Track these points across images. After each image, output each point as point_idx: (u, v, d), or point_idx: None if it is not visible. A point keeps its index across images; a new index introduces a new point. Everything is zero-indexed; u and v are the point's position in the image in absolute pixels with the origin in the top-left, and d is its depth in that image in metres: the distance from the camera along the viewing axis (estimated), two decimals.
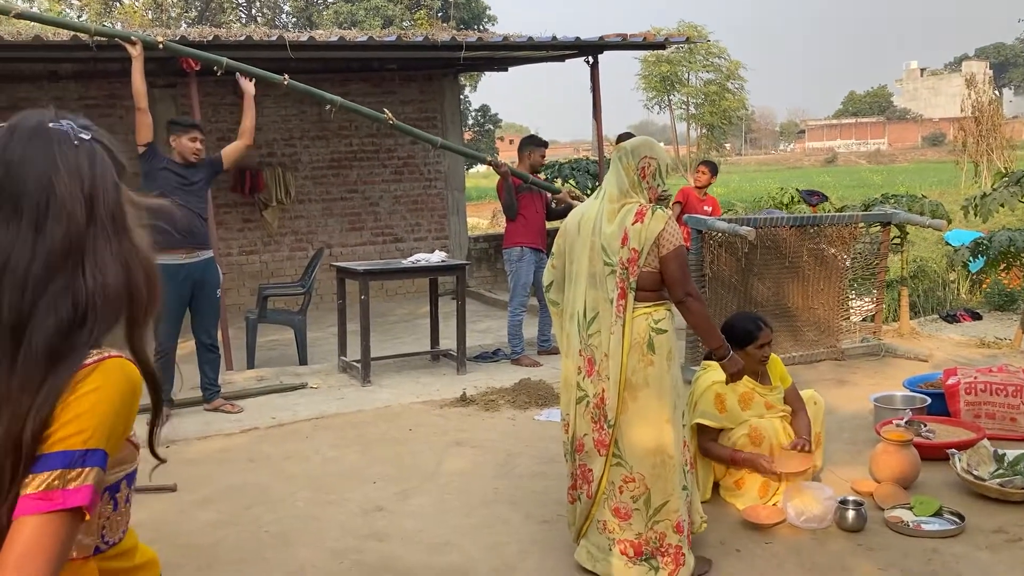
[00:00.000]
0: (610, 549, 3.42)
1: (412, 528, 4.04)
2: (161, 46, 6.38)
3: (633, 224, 3.34)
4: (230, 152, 6.07)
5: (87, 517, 1.17)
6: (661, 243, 3.33)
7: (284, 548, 3.86)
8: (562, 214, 7.91)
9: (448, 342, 7.31)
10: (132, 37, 6.19)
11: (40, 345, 1.16)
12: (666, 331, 3.39)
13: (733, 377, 3.75)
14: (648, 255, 3.33)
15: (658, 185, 3.45)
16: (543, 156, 7.49)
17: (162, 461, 1.41)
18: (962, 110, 25.66)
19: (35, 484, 1.14)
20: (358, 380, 6.65)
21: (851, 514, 3.81)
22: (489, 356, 7.38)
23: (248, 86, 6.22)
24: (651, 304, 3.38)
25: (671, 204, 7.88)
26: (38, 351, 1.16)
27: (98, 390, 1.18)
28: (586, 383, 3.44)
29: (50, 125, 1.23)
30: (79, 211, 1.21)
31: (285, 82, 6.54)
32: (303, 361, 7.35)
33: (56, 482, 1.14)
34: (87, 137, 1.25)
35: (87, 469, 1.16)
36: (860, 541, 3.71)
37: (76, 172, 1.22)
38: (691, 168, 33.93)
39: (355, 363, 6.77)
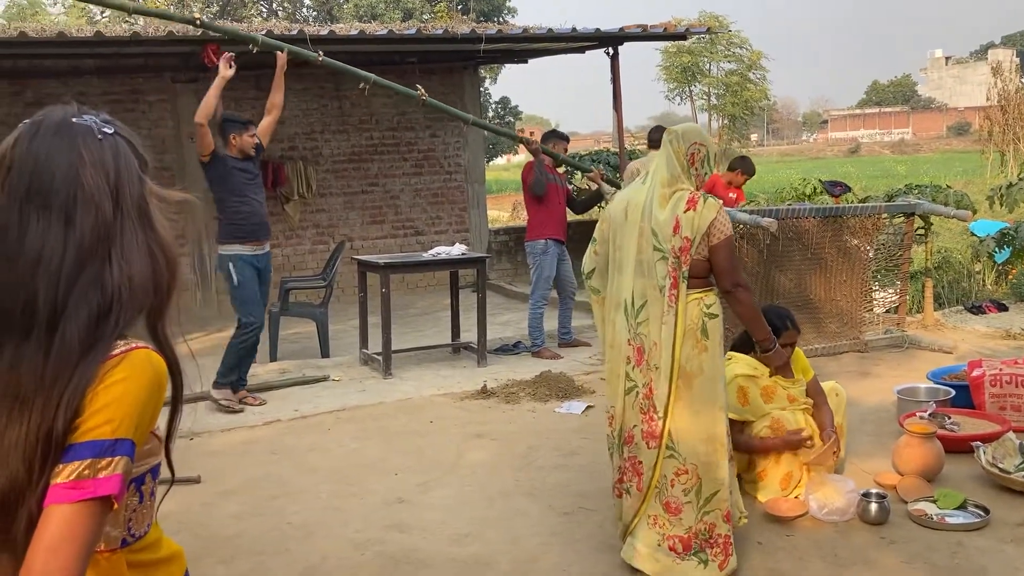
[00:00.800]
0: (659, 545, 3.37)
1: (433, 519, 4.05)
2: (198, 22, 6.61)
3: (685, 212, 3.31)
4: (264, 129, 6.19)
5: (115, 506, 1.18)
6: (712, 232, 3.33)
7: (306, 539, 3.89)
8: (585, 206, 7.91)
9: (469, 335, 7.33)
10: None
11: (73, 336, 1.17)
12: (718, 316, 3.37)
13: (778, 370, 3.77)
14: (699, 244, 3.32)
15: (706, 173, 3.45)
16: (565, 150, 7.50)
17: (169, 464, 1.41)
18: (988, 99, 25.31)
19: (66, 473, 1.16)
20: (379, 373, 6.68)
21: (874, 507, 3.78)
22: (510, 349, 7.38)
23: (282, 60, 6.33)
24: (701, 290, 3.37)
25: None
26: (72, 342, 1.17)
27: (126, 380, 1.20)
28: (635, 373, 3.38)
29: (74, 120, 1.25)
30: (106, 203, 1.23)
31: (320, 59, 6.66)
32: (325, 354, 7.39)
33: (87, 471, 1.16)
34: (110, 131, 1.27)
35: (116, 458, 1.17)
36: (883, 534, 3.69)
37: (101, 165, 1.24)
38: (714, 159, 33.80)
39: (376, 356, 6.80)
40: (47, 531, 1.14)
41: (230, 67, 5.87)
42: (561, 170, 7.67)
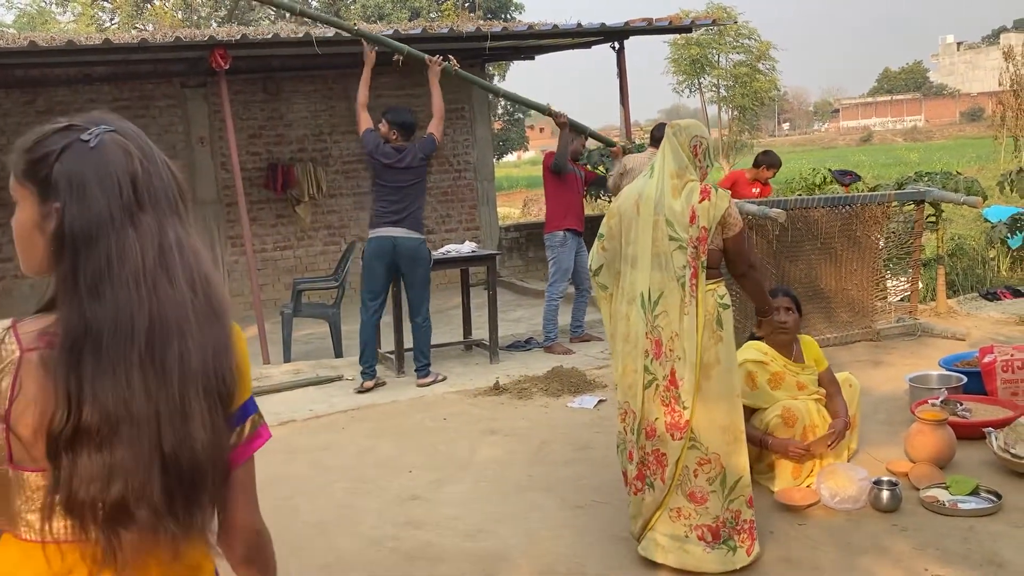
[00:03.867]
0: (686, 537, 3.37)
1: (448, 515, 4.09)
2: (356, 29, 7.36)
3: (700, 202, 3.34)
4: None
5: None
6: (727, 222, 3.39)
7: (322, 537, 3.94)
8: (598, 183, 7.98)
9: (481, 332, 7.36)
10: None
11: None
12: (730, 306, 3.44)
13: (769, 329, 4.01)
14: (714, 234, 3.37)
15: (708, 165, 3.50)
16: (583, 144, 7.55)
17: None
18: (1000, 84, 25.11)
19: (248, 429, 1.33)
20: (392, 371, 6.72)
21: (886, 494, 3.79)
22: (521, 345, 7.41)
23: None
24: (714, 281, 3.41)
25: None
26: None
27: (243, 342, 1.36)
28: (654, 366, 3.39)
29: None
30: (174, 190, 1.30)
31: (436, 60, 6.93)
32: (338, 354, 7.44)
33: (259, 419, 1.36)
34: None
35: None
36: (895, 521, 3.70)
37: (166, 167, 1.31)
38: (723, 151, 33.67)
39: (389, 355, 6.84)
40: (250, 483, 1.35)
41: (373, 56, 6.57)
42: (582, 162, 7.71)
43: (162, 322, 1.18)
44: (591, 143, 8.18)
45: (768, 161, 8.06)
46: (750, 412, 4.10)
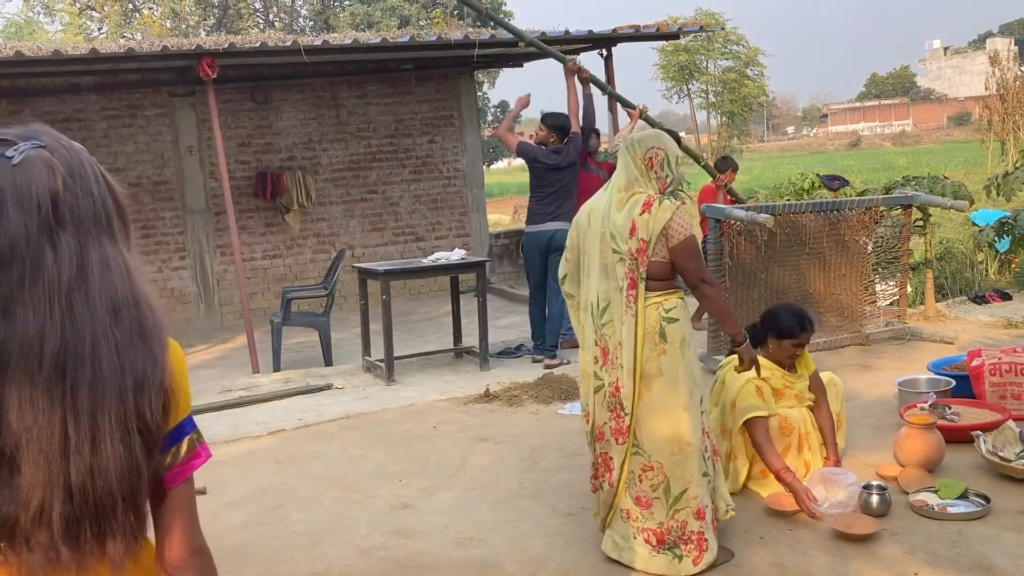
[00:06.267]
0: (634, 538, 3.46)
1: (438, 524, 4.08)
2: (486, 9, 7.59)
3: (641, 214, 3.37)
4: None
5: None
6: (670, 234, 3.37)
7: (312, 547, 3.92)
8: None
9: (471, 339, 7.35)
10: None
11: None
12: (678, 320, 3.41)
13: (746, 364, 3.72)
14: (656, 245, 3.37)
15: (667, 176, 3.49)
16: (598, 144, 7.62)
17: None
18: (987, 88, 25.25)
19: (184, 449, 1.30)
20: (383, 379, 6.71)
21: (875, 499, 3.80)
22: (512, 352, 7.40)
23: (572, 64, 7.24)
24: (661, 293, 3.41)
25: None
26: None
27: (180, 360, 1.33)
28: (603, 372, 3.49)
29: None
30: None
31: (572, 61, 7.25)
32: (328, 362, 7.42)
33: (197, 438, 1.33)
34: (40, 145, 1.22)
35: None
36: (885, 525, 3.70)
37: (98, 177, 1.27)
38: (713, 156, 33.71)
39: (379, 363, 6.83)
40: (187, 507, 1.31)
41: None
42: (600, 158, 7.72)
43: (75, 345, 1.15)
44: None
45: (726, 165, 8.10)
46: (765, 424, 4.01)
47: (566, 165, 6.89)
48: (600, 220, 3.50)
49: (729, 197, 7.98)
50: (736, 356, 3.78)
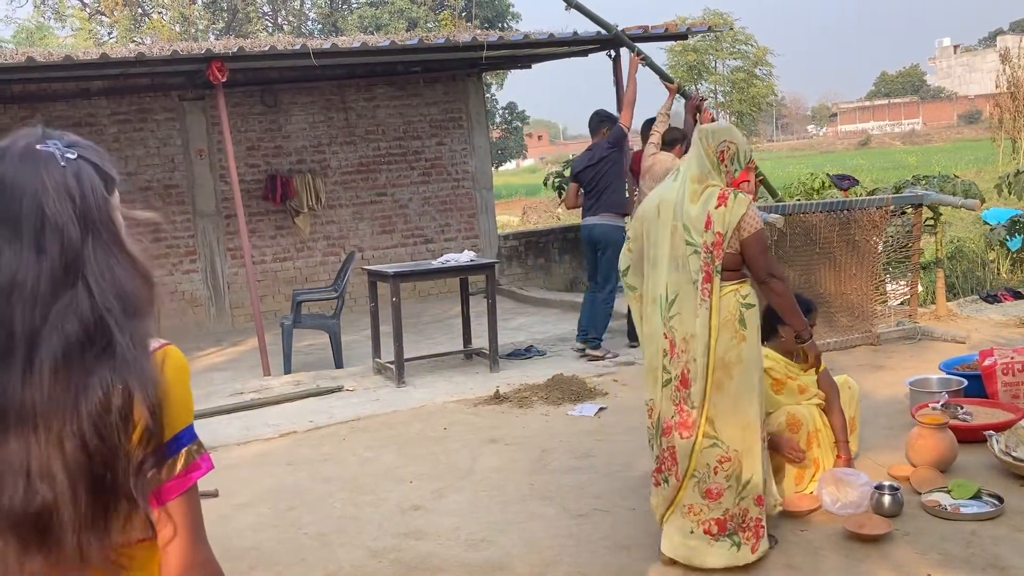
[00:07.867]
0: (691, 532, 3.45)
1: (449, 526, 4.08)
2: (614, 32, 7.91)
3: (716, 208, 3.39)
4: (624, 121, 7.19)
5: None
6: (743, 227, 3.41)
7: (323, 548, 3.93)
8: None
9: (481, 341, 7.35)
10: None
11: (43, 363, 1.16)
12: (754, 305, 3.46)
13: (812, 360, 3.91)
14: (731, 238, 3.40)
15: (736, 169, 3.51)
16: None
17: None
18: (997, 86, 25.15)
19: (181, 462, 1.26)
20: (393, 381, 6.72)
21: (887, 499, 3.78)
22: (522, 353, 7.40)
23: (634, 61, 7.44)
24: (737, 282, 3.45)
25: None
26: (42, 368, 1.16)
27: (180, 370, 1.29)
28: (670, 365, 3.47)
29: (37, 147, 1.23)
30: (72, 230, 1.20)
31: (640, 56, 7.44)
32: (339, 364, 7.44)
33: (197, 450, 1.28)
34: (73, 156, 1.24)
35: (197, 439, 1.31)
36: (897, 526, 3.68)
37: (65, 191, 1.21)
38: None
39: (389, 364, 6.84)
40: (190, 517, 1.28)
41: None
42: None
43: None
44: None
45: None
46: None
47: (596, 160, 7.04)
48: (672, 212, 3.48)
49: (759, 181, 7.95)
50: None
